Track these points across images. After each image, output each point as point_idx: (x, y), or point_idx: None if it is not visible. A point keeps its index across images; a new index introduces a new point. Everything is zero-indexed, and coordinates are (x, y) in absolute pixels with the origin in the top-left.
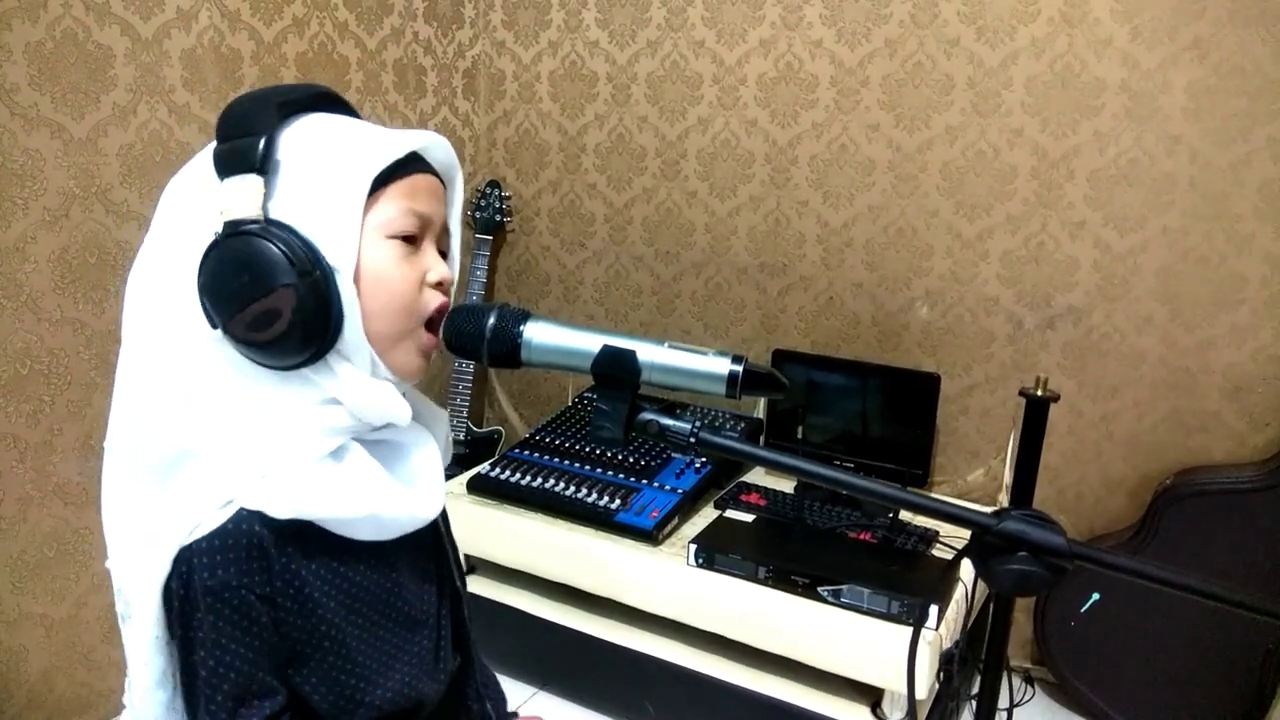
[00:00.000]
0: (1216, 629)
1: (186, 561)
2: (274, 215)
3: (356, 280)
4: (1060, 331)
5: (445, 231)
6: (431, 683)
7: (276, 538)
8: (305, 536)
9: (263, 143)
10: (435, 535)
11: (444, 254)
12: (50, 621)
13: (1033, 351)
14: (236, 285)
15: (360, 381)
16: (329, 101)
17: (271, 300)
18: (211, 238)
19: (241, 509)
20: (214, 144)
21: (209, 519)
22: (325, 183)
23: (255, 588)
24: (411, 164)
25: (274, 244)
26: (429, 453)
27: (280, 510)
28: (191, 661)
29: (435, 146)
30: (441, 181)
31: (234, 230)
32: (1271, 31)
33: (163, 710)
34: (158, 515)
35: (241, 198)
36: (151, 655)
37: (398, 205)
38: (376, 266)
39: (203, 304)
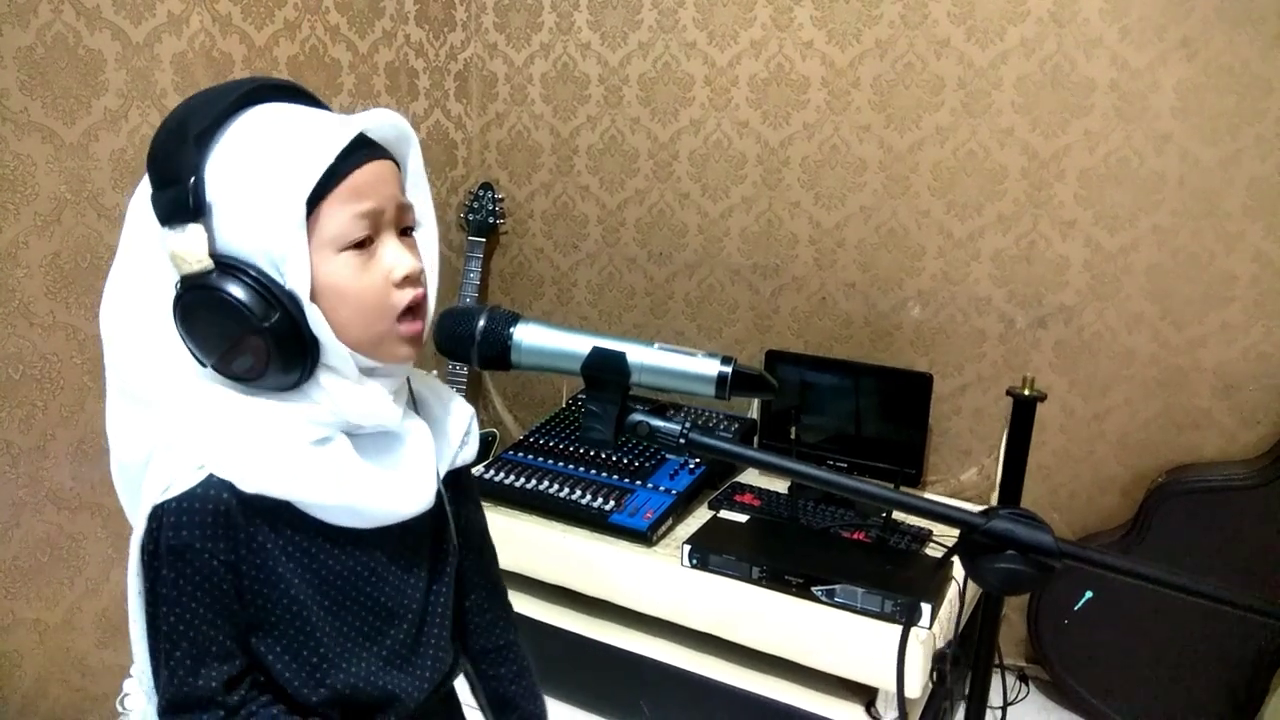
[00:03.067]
0: (1209, 627)
1: (157, 519)
2: (223, 251)
3: (316, 299)
4: (1052, 330)
5: (406, 209)
6: (405, 678)
7: (245, 507)
8: (277, 512)
9: (191, 187)
10: (435, 528)
11: (410, 230)
12: (44, 627)
13: (1024, 351)
14: (208, 337)
15: (347, 390)
16: (254, 97)
17: (243, 347)
18: (172, 288)
19: (213, 474)
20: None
21: (181, 480)
22: (260, 216)
23: (219, 553)
24: (351, 156)
25: (230, 295)
26: (421, 447)
27: (248, 484)
28: (154, 617)
29: (376, 127)
30: (393, 158)
31: (190, 285)
32: (1259, 30)
33: None
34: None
35: (187, 248)
36: (137, 612)
37: (342, 215)
38: (334, 283)
39: (187, 345)
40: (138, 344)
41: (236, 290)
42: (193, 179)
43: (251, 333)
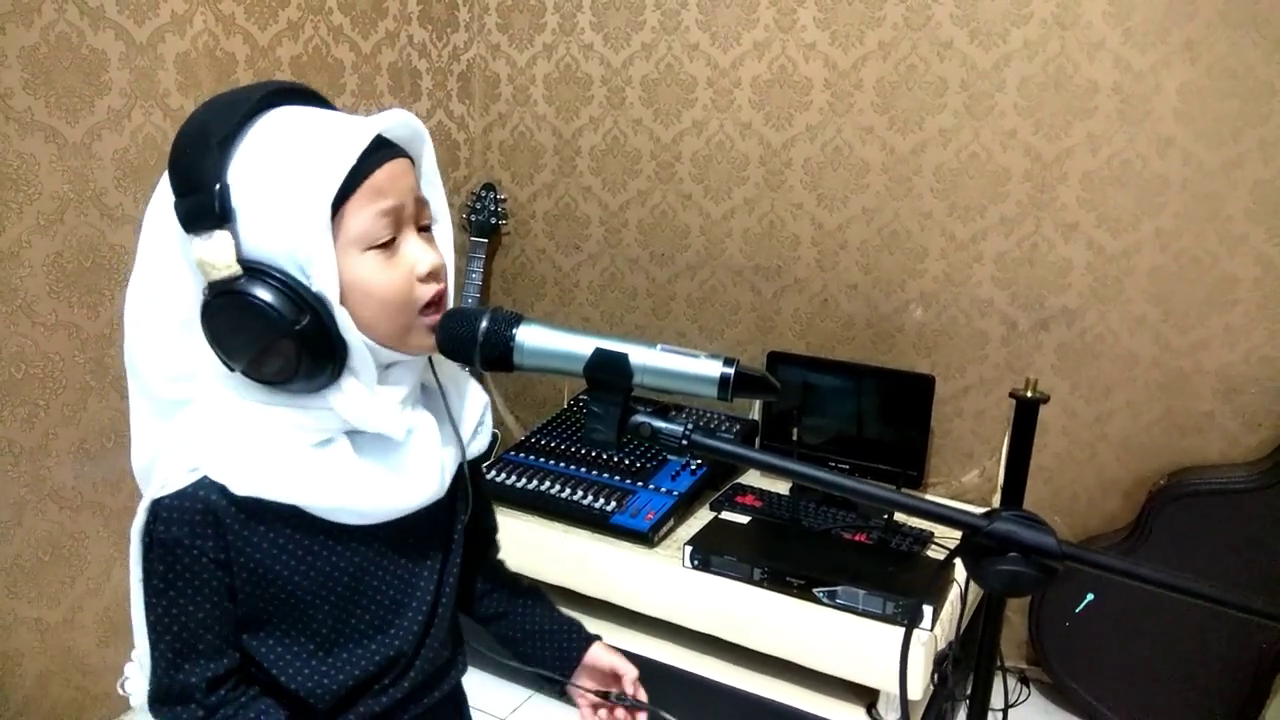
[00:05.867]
0: (1211, 629)
1: (153, 513)
2: (249, 256)
3: (343, 298)
4: (1054, 333)
5: (424, 205)
6: (407, 670)
7: (235, 509)
8: (277, 512)
9: (216, 194)
10: (449, 515)
11: (427, 227)
12: (45, 626)
13: (1026, 353)
14: (238, 341)
15: (362, 400)
16: (271, 100)
17: (274, 350)
18: (200, 293)
19: (205, 476)
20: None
21: (176, 479)
22: (286, 220)
23: (208, 551)
24: (371, 157)
25: (259, 299)
26: (427, 439)
27: (240, 488)
28: (146, 606)
29: (392, 127)
30: (408, 154)
31: (219, 291)
32: (1263, 33)
33: None
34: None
35: (214, 255)
36: (137, 597)
37: (366, 214)
38: (360, 282)
39: (215, 352)
40: (158, 352)
41: (265, 294)
42: (217, 185)
43: (282, 336)
